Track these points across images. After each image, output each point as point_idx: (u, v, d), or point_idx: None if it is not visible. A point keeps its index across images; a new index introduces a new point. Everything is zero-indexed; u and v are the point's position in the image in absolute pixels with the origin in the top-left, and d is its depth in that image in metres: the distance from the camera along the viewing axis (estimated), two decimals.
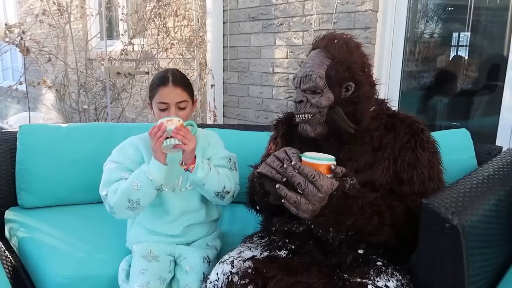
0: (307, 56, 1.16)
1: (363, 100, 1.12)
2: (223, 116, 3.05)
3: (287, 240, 1.16)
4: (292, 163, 0.96)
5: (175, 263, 1.35)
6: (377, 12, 2.11)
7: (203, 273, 1.27)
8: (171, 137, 1.18)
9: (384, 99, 1.22)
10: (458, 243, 0.95)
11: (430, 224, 0.99)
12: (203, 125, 2.08)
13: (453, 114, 2.27)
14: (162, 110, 1.28)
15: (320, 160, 0.98)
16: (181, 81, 1.30)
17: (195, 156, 1.25)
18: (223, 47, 2.92)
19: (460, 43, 2.18)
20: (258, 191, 1.15)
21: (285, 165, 0.97)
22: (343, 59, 1.10)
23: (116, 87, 3.32)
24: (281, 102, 2.63)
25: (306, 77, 1.11)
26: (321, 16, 2.30)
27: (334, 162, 0.99)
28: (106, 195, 1.27)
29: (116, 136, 1.80)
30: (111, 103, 3.24)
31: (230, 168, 1.40)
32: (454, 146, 1.57)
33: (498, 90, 1.91)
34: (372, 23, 2.10)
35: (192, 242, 1.41)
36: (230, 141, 1.79)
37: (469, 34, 2.10)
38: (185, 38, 3.16)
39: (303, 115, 1.13)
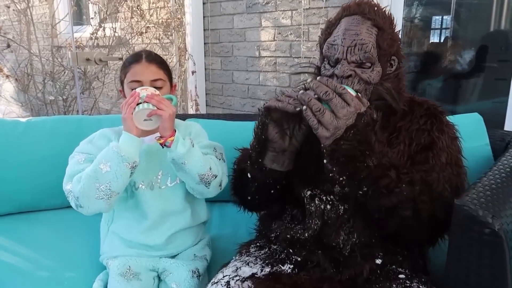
0: (332, 25, 0.98)
1: (402, 77, 1.01)
2: (206, 105, 2.86)
3: (290, 251, 0.99)
4: (317, 79, 0.85)
5: (159, 279, 1.17)
6: None
7: None
8: (144, 102, 1.03)
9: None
10: (500, 251, 0.80)
11: (464, 229, 0.84)
12: (184, 116, 1.88)
13: (442, 97, 2.20)
14: (135, 88, 1.11)
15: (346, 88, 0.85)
16: (156, 57, 1.19)
17: (175, 130, 1.07)
18: (204, 30, 2.73)
19: (444, 26, 2.10)
20: (254, 147, 0.98)
21: (300, 93, 0.85)
22: (389, 29, 0.95)
23: (86, 75, 3.06)
24: (269, 88, 2.44)
25: (355, 47, 0.93)
26: None
27: (356, 93, 0.87)
28: (71, 189, 1.09)
29: (85, 130, 1.57)
30: (82, 93, 2.98)
31: (217, 157, 1.22)
32: (466, 132, 1.40)
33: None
34: None
35: (178, 254, 1.23)
36: (216, 133, 1.60)
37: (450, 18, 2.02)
38: (162, 21, 2.95)
39: None
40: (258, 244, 1.08)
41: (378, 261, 0.94)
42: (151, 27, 3.00)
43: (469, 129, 1.46)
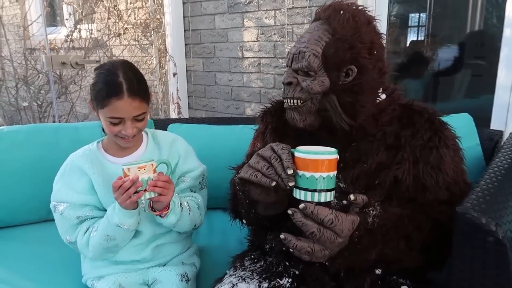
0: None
1: (366, 90, 0.90)
2: (189, 108, 2.78)
3: (287, 263, 0.94)
4: (301, 206, 0.75)
5: None
6: None
7: None
8: (145, 190, 0.98)
9: (396, 86, 1.01)
10: (504, 259, 0.77)
11: (467, 238, 0.81)
12: (166, 120, 1.81)
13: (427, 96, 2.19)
14: (115, 124, 1.02)
15: (319, 155, 0.76)
16: (139, 87, 1.03)
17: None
18: (185, 30, 2.64)
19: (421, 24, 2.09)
20: (243, 202, 0.94)
21: (275, 164, 0.79)
22: (347, 35, 0.88)
23: (62, 79, 2.93)
24: (253, 90, 2.39)
25: (299, 54, 0.91)
26: None
27: (337, 156, 0.78)
28: (73, 242, 1.10)
29: (62, 139, 1.51)
30: (58, 98, 2.85)
31: (201, 187, 1.23)
32: (457, 133, 1.41)
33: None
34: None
35: (166, 263, 1.19)
36: (200, 139, 1.56)
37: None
38: (141, 22, 2.85)
39: (291, 100, 0.93)
40: (252, 256, 1.03)
41: (378, 271, 0.90)
42: (129, 28, 2.89)
43: (460, 129, 1.44)
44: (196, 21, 2.58)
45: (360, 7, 0.93)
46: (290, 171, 0.75)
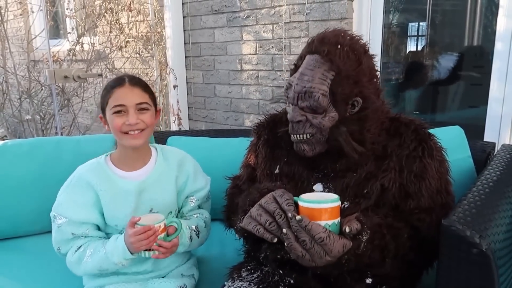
0: (300, 59, 0.96)
1: (371, 116, 0.95)
2: (189, 119, 2.82)
3: (281, 272, 0.97)
4: (297, 218, 0.78)
5: None
6: (352, 1, 1.96)
7: None
8: (149, 249, 1.05)
9: (383, 100, 1.05)
10: (488, 271, 0.80)
11: (452, 250, 0.84)
12: (166, 133, 1.84)
13: (423, 106, 2.22)
14: (118, 113, 1.06)
15: (322, 204, 0.79)
16: (140, 81, 1.13)
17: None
18: (185, 43, 2.70)
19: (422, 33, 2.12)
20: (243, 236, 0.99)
21: (279, 221, 0.81)
22: (351, 71, 0.91)
23: (65, 91, 2.98)
24: (252, 101, 2.44)
25: (306, 94, 0.92)
26: (292, 7, 2.12)
27: (339, 202, 0.81)
28: (63, 254, 1.13)
29: (64, 152, 1.54)
30: (60, 110, 2.90)
31: (207, 199, 1.27)
32: (448, 145, 1.43)
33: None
34: (348, 13, 1.95)
35: (166, 275, 1.21)
36: (200, 151, 1.58)
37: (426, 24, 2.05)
38: (142, 35, 2.91)
39: (301, 136, 0.95)
40: (249, 267, 1.06)
41: (368, 281, 0.93)
42: (130, 41, 2.95)
43: (452, 142, 1.47)
44: (196, 34, 2.63)
45: (354, 36, 0.96)
46: (298, 217, 0.78)
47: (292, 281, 0.96)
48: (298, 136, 0.96)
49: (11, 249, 1.43)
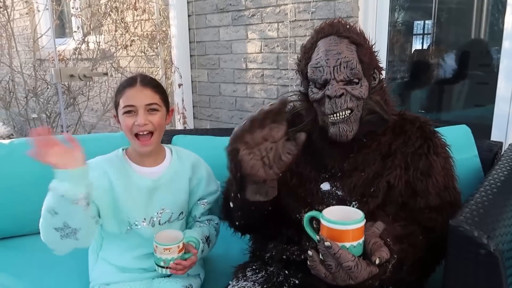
0: (310, 48, 0.96)
1: (385, 88, 1.00)
2: (194, 118, 2.83)
3: (286, 272, 0.97)
4: (326, 244, 0.74)
5: None
6: None
7: None
8: (167, 267, 1.06)
9: (389, 97, 1.05)
10: (496, 272, 0.79)
11: (460, 250, 0.83)
12: (171, 132, 1.84)
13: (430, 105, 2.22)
14: (128, 113, 1.08)
15: (347, 225, 0.75)
16: (151, 81, 1.14)
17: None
18: (190, 42, 2.70)
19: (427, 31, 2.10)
20: (234, 178, 0.89)
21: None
22: (366, 44, 0.96)
23: (70, 90, 3.00)
24: (257, 100, 2.43)
25: (341, 65, 0.91)
26: (297, 6, 2.11)
27: (364, 221, 0.77)
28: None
29: None
30: (66, 108, 2.92)
31: (217, 203, 1.27)
32: (455, 144, 1.42)
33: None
34: (354, 12, 1.94)
35: (171, 274, 1.20)
36: (205, 151, 1.58)
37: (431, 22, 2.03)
38: (147, 34, 2.91)
39: (342, 113, 0.93)
40: (254, 267, 1.05)
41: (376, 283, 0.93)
42: (135, 40, 2.96)
43: (458, 141, 1.46)
44: (201, 33, 2.63)
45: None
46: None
47: (297, 282, 0.95)
48: (339, 114, 0.93)
49: (18, 247, 1.44)
